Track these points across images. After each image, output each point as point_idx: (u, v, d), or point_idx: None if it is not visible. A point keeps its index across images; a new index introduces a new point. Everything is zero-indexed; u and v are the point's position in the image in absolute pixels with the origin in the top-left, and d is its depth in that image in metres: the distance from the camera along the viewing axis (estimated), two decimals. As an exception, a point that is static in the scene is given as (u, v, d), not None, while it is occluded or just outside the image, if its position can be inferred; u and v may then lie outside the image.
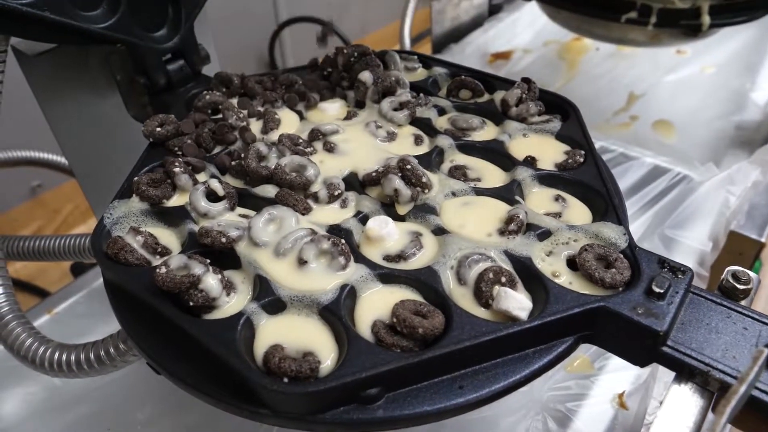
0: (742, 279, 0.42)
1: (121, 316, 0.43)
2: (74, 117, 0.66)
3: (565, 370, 0.60)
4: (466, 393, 0.36)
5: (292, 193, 0.47)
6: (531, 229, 0.45)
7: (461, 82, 0.63)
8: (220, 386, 0.37)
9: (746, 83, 1.14)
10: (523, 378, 0.37)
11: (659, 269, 0.40)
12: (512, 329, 0.37)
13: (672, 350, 0.37)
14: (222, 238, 0.43)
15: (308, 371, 0.35)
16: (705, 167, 0.87)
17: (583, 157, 0.52)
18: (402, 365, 0.35)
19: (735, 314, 0.40)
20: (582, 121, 0.57)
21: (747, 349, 0.37)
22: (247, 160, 0.50)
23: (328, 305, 0.39)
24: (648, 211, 0.80)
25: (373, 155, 0.53)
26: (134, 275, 0.42)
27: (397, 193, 0.46)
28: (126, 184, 0.50)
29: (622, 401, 0.58)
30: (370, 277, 0.41)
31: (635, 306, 0.38)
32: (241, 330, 0.38)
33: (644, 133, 1.06)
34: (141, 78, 0.64)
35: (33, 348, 0.53)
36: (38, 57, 0.60)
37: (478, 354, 0.37)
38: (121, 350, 0.50)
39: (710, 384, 0.37)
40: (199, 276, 0.40)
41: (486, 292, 0.40)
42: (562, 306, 0.38)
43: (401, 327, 0.37)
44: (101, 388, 0.65)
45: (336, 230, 0.45)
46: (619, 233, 0.44)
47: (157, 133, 0.55)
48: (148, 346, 0.40)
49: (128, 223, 0.47)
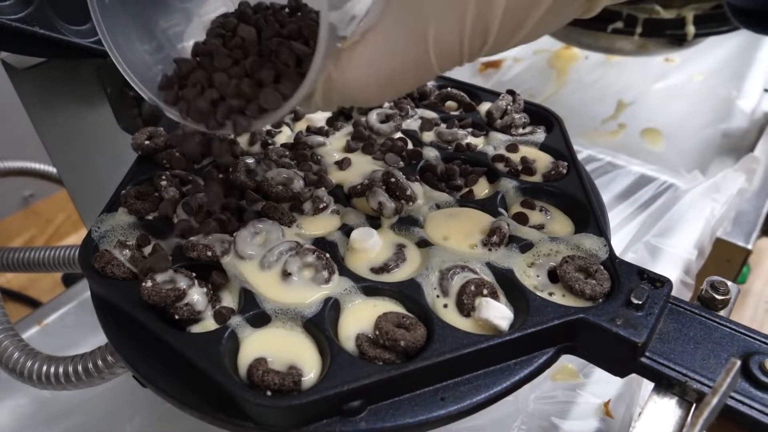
0: (720, 289, 0.42)
1: (108, 329, 0.43)
2: (65, 129, 0.67)
3: (550, 379, 0.61)
4: (448, 405, 0.37)
5: (278, 206, 0.48)
6: (513, 240, 0.46)
7: (447, 94, 0.64)
8: (205, 399, 0.37)
9: (733, 91, 1.16)
10: (505, 389, 0.38)
11: (638, 280, 0.41)
12: (493, 341, 0.38)
13: (650, 361, 0.38)
14: (208, 251, 0.43)
15: (291, 384, 0.35)
16: (691, 175, 0.88)
17: (566, 168, 0.53)
18: (384, 378, 0.36)
19: (713, 325, 0.40)
20: (566, 132, 0.57)
21: (724, 359, 0.38)
22: (236, 174, 0.51)
23: (312, 318, 0.40)
24: (634, 219, 0.81)
25: (359, 167, 0.53)
26: (121, 289, 0.42)
27: (381, 207, 0.47)
28: (114, 197, 0.51)
29: (608, 410, 0.59)
30: (353, 289, 0.42)
31: (614, 317, 0.39)
32: (226, 343, 0.38)
33: (632, 141, 1.07)
34: (131, 91, 0.65)
35: (21, 361, 0.53)
36: (28, 71, 0.61)
37: (459, 366, 0.37)
38: (108, 362, 0.50)
39: (688, 394, 0.37)
40: (184, 290, 0.40)
41: (468, 304, 0.40)
42: (542, 317, 0.39)
43: (383, 340, 0.38)
44: (90, 400, 0.65)
45: (322, 243, 0.46)
46: (600, 245, 0.44)
47: (146, 146, 0.55)
48: (134, 359, 0.41)
49: (116, 237, 0.47)
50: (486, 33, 0.34)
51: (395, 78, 0.36)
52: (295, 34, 0.42)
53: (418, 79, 0.37)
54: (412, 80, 0.37)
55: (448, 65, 0.36)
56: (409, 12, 0.34)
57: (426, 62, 0.35)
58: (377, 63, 0.36)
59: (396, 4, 0.35)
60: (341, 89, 0.37)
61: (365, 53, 0.36)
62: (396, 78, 0.36)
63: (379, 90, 0.37)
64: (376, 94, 0.37)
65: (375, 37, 0.35)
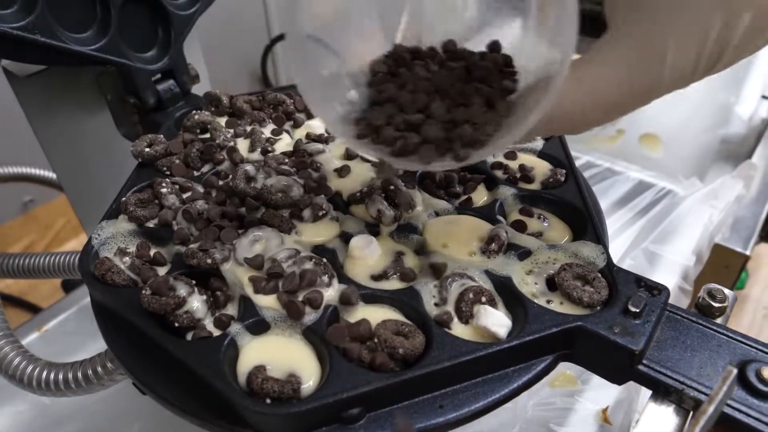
0: (717, 297, 0.43)
1: (108, 335, 0.43)
2: (65, 136, 0.67)
3: (549, 386, 0.61)
4: (447, 412, 0.37)
5: (278, 213, 0.48)
6: (512, 248, 0.46)
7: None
8: (205, 406, 0.38)
9: (731, 97, 1.16)
10: (503, 397, 0.38)
11: (636, 288, 0.41)
12: (491, 349, 0.38)
13: (648, 368, 0.38)
14: (207, 259, 0.44)
15: (290, 392, 0.36)
16: (689, 181, 0.89)
17: (564, 176, 0.53)
18: (383, 385, 0.36)
19: (710, 332, 0.40)
20: (564, 139, 0.58)
21: (721, 366, 0.38)
22: (236, 181, 0.51)
23: (311, 326, 0.40)
24: (632, 225, 0.81)
25: (359, 175, 0.53)
26: (121, 296, 0.43)
27: (380, 214, 0.47)
28: (114, 204, 0.51)
29: (606, 416, 0.59)
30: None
31: (612, 325, 0.39)
32: (226, 351, 0.39)
33: (631, 147, 1.07)
34: (131, 98, 0.65)
35: (21, 367, 0.53)
36: (29, 78, 0.61)
37: (457, 374, 0.38)
38: (108, 369, 0.50)
39: (685, 402, 0.37)
40: (184, 297, 0.41)
41: (466, 312, 0.41)
42: (540, 325, 0.39)
43: (382, 347, 0.38)
44: (90, 406, 0.65)
45: (321, 250, 0.46)
46: (598, 252, 0.45)
47: (146, 154, 0.56)
48: (133, 366, 0.41)
49: (116, 244, 0.48)
50: (721, 53, 0.33)
51: (621, 103, 0.35)
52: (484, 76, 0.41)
53: (643, 102, 0.36)
54: (637, 104, 0.36)
55: (679, 86, 0.35)
56: (646, 37, 0.33)
57: (657, 85, 0.34)
58: (603, 90, 0.35)
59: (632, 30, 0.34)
60: (561, 117, 0.36)
61: (589, 76, 0.35)
62: (622, 103, 0.35)
63: (600, 116, 0.36)
64: (598, 120, 0.36)
65: (601, 57, 0.35)
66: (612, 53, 0.34)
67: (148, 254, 0.46)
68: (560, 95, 0.34)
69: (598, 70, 0.35)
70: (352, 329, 0.39)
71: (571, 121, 0.36)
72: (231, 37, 1.82)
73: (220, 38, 1.70)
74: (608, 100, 0.35)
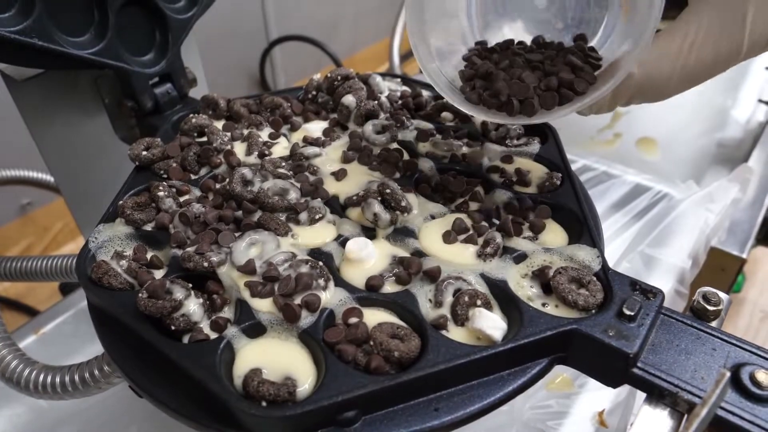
0: (712, 300, 0.43)
1: (105, 338, 0.43)
2: (63, 139, 0.67)
3: (545, 389, 0.61)
4: (442, 415, 0.37)
5: (274, 216, 0.48)
6: (507, 251, 0.46)
7: (443, 105, 0.64)
8: (201, 409, 0.38)
9: (728, 101, 1.17)
10: (498, 400, 0.38)
11: (631, 291, 0.41)
12: (486, 352, 0.38)
13: (642, 371, 0.38)
14: (204, 262, 0.44)
15: (286, 395, 0.36)
16: (686, 185, 0.89)
17: (560, 179, 0.53)
18: (378, 388, 0.36)
19: (704, 335, 0.41)
20: (560, 143, 0.58)
21: (715, 369, 0.38)
22: (232, 185, 0.51)
23: (307, 329, 0.40)
24: (629, 229, 0.82)
25: (355, 178, 0.54)
26: (117, 299, 0.43)
27: (376, 218, 0.47)
28: (111, 207, 0.51)
29: (602, 419, 0.59)
30: (348, 300, 0.42)
31: (607, 328, 0.39)
32: (222, 354, 0.39)
33: (628, 151, 1.07)
34: (129, 101, 0.65)
35: (18, 370, 0.53)
36: (27, 82, 0.61)
37: (453, 376, 0.38)
38: (105, 372, 0.50)
39: (679, 405, 0.37)
40: (180, 301, 0.41)
41: (462, 315, 0.41)
42: (535, 329, 0.39)
43: (378, 350, 0.38)
44: (87, 409, 0.65)
45: (317, 254, 0.46)
46: (593, 256, 0.45)
47: (143, 157, 0.56)
48: (130, 369, 0.41)
49: (113, 247, 0.48)
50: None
51: (700, 69, 0.38)
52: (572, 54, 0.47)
53: (722, 69, 0.38)
54: (717, 70, 0.38)
55: (755, 53, 0.37)
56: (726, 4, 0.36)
57: (738, 50, 0.36)
58: (685, 55, 0.37)
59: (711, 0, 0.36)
60: (640, 85, 0.39)
61: (672, 45, 0.37)
62: (701, 69, 0.38)
63: (680, 84, 0.39)
64: (677, 88, 0.39)
65: (684, 27, 0.37)
66: (693, 24, 0.37)
67: (144, 257, 0.46)
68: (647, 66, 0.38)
69: (684, 41, 0.37)
70: (348, 332, 0.39)
71: (657, 89, 0.39)
72: (230, 40, 1.83)
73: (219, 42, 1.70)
74: (689, 67, 0.38)
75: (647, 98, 0.42)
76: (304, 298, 0.41)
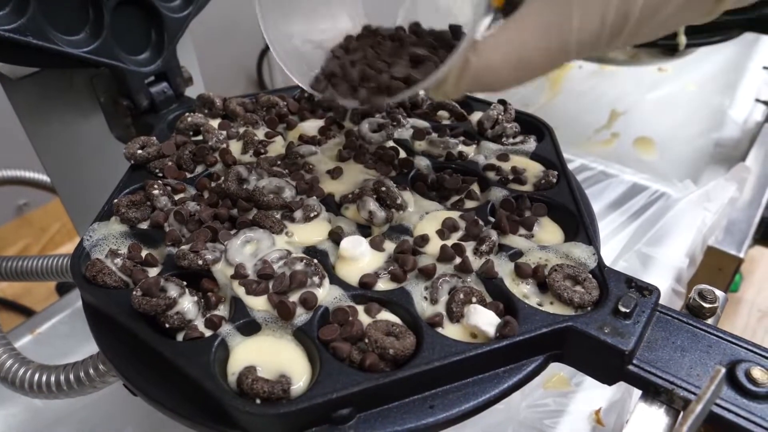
0: (708, 298, 0.43)
1: (99, 337, 0.43)
2: (58, 138, 0.67)
3: (542, 388, 0.61)
4: (437, 412, 0.37)
5: (269, 214, 0.48)
6: (503, 249, 0.46)
7: (439, 104, 0.64)
8: (196, 407, 0.38)
9: (725, 100, 1.17)
10: (494, 397, 0.38)
11: (626, 289, 0.41)
12: (481, 349, 0.38)
13: (638, 369, 0.38)
14: (199, 260, 0.44)
15: (280, 392, 0.36)
16: (683, 184, 0.89)
17: (557, 177, 0.53)
18: (373, 385, 0.36)
19: (700, 333, 0.40)
20: (556, 141, 0.58)
21: (711, 367, 0.38)
22: (228, 183, 0.51)
23: (302, 326, 0.40)
24: (626, 228, 0.81)
25: (351, 176, 0.54)
26: (111, 297, 0.43)
27: (371, 216, 0.47)
28: (106, 206, 0.51)
29: (599, 417, 0.59)
30: (343, 298, 0.42)
31: (602, 325, 0.39)
32: (216, 352, 0.38)
33: (625, 150, 1.07)
34: (124, 100, 0.65)
35: (13, 369, 0.53)
36: (22, 81, 0.61)
37: (448, 374, 0.38)
38: (100, 371, 0.50)
39: (675, 402, 0.37)
40: (174, 298, 0.41)
41: (457, 312, 0.41)
42: (531, 326, 0.39)
43: (372, 348, 0.38)
44: (83, 409, 0.65)
45: (312, 251, 0.46)
46: (589, 253, 0.45)
47: (139, 156, 0.56)
48: (125, 368, 0.41)
49: (108, 245, 0.48)
50: (625, 20, 0.36)
51: (531, 61, 0.39)
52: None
53: (553, 63, 0.39)
54: (547, 64, 0.39)
55: (586, 51, 0.38)
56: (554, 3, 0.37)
57: (566, 47, 0.38)
58: (516, 47, 0.38)
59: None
60: (475, 73, 0.40)
61: (504, 37, 0.39)
62: (532, 61, 0.39)
63: (512, 73, 0.39)
64: (509, 78, 0.40)
65: (517, 22, 0.38)
66: (527, 19, 0.38)
67: (139, 256, 0.46)
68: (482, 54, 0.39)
69: (516, 34, 0.39)
70: (343, 330, 0.39)
71: (491, 78, 0.40)
72: (227, 40, 1.83)
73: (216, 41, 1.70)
74: (519, 57, 0.39)
75: (483, 86, 0.42)
76: (302, 295, 0.41)
